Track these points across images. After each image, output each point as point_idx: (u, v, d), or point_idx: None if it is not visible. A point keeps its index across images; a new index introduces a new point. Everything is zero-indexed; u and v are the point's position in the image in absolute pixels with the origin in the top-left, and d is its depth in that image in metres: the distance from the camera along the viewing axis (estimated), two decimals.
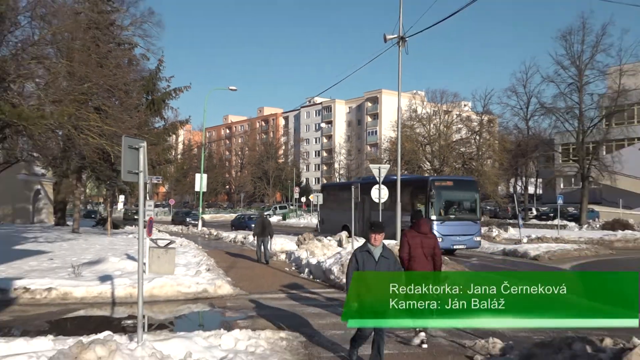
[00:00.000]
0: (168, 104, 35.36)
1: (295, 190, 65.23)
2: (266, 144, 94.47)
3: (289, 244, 21.72)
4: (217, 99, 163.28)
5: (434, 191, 20.65)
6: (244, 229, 36.32)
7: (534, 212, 50.67)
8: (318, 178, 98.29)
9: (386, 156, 63.91)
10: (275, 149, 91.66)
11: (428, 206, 20.63)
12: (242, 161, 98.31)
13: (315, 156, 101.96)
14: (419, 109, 58.18)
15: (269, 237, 18.08)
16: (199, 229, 36.78)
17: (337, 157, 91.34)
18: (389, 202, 19.52)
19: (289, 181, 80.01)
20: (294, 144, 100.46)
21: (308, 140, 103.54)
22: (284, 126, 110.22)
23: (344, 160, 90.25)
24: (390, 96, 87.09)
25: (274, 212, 61.93)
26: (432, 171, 49.29)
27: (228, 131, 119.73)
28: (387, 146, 66.79)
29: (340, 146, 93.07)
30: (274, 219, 52.92)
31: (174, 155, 48.32)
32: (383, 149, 71.69)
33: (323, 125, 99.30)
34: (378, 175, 17.21)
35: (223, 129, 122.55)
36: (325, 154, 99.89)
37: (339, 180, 76.60)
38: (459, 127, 58.32)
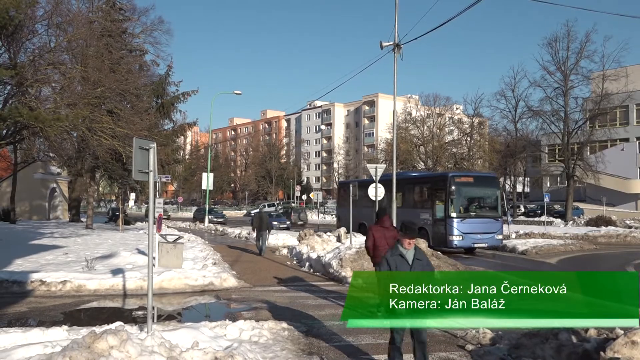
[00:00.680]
0: (177, 107, 35.46)
1: (296, 189, 65.18)
2: (269, 145, 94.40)
3: (290, 239, 21.70)
4: (222, 102, 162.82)
5: (453, 188, 18.88)
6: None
7: (522, 210, 50.62)
8: (318, 177, 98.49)
9: (382, 156, 63.98)
10: (277, 149, 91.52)
11: (447, 203, 18.90)
12: (246, 161, 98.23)
13: (316, 156, 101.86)
14: (413, 112, 58.24)
15: (267, 231, 18.40)
16: (206, 225, 36.62)
17: (336, 157, 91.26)
18: (403, 199, 18.95)
19: (291, 180, 79.95)
20: (295, 144, 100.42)
21: (308, 141, 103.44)
22: (286, 128, 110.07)
23: (342, 160, 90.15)
24: (386, 100, 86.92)
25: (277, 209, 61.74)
26: (425, 171, 49.28)
27: (233, 133, 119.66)
28: (384, 147, 66.90)
29: (339, 147, 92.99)
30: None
31: (182, 155, 48.39)
32: (380, 149, 71.79)
33: (323, 127, 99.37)
34: (374, 174, 17.01)
35: (228, 130, 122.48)
36: (325, 155, 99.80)
37: (337, 179, 76.43)
38: (451, 129, 58.43)
